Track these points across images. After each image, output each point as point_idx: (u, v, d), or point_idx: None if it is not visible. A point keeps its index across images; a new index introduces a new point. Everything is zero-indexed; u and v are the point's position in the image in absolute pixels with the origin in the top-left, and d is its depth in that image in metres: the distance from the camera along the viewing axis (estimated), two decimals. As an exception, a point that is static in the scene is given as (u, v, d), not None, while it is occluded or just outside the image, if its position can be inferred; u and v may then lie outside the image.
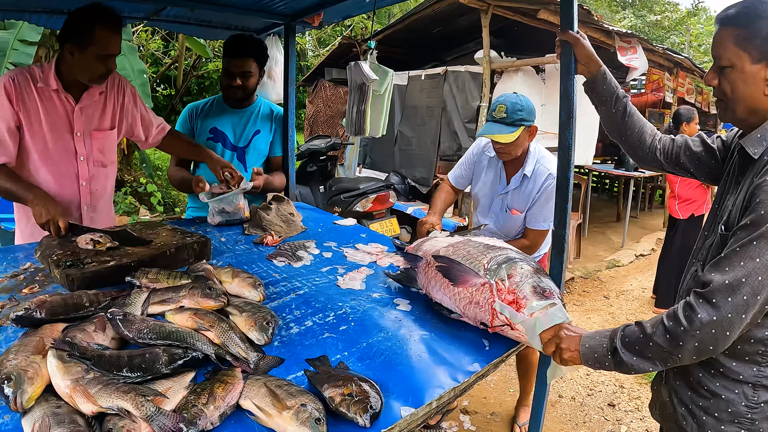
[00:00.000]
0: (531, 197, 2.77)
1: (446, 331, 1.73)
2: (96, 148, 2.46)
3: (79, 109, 2.36)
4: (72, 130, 2.37)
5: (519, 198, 2.81)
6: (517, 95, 2.69)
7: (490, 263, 1.72)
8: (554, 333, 1.53)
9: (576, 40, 1.82)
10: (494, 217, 2.94)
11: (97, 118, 2.44)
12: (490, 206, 2.94)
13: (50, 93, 2.29)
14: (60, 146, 2.35)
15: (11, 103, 2.21)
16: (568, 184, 1.89)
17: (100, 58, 2.21)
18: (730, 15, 1.41)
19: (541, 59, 6.14)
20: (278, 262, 2.24)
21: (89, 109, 2.40)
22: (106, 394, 1.18)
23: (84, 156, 2.42)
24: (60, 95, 2.31)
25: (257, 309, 1.65)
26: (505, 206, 2.87)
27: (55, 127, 2.32)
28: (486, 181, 2.94)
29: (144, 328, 1.47)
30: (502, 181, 2.86)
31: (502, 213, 2.90)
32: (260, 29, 3.54)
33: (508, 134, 2.60)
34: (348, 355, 1.53)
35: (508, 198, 2.85)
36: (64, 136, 2.35)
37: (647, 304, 5.82)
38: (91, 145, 2.44)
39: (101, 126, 2.46)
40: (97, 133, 2.45)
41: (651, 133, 1.84)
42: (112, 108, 2.51)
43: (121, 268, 1.89)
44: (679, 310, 1.33)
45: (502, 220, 2.92)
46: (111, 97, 2.50)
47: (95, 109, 2.43)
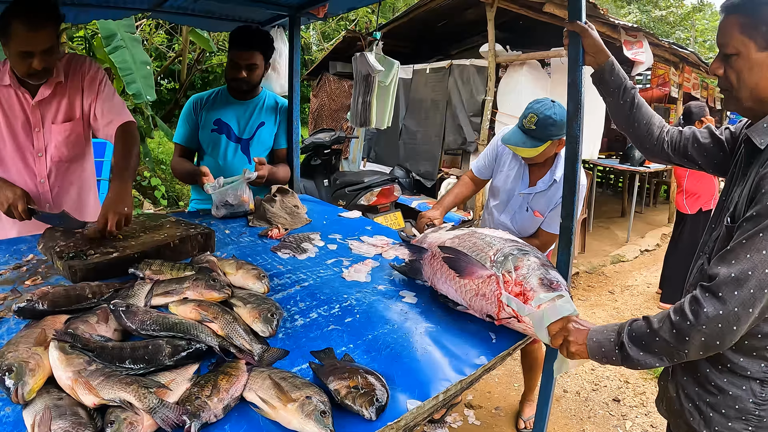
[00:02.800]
0: (554, 201, 2.68)
1: (452, 324, 1.71)
2: (55, 143, 2.34)
3: (36, 104, 2.26)
4: (30, 125, 2.28)
5: (543, 201, 2.73)
6: (554, 105, 2.52)
7: (496, 255, 1.70)
8: (562, 326, 1.51)
9: (584, 31, 1.80)
10: (511, 214, 2.86)
11: (55, 111, 2.32)
12: (509, 202, 2.85)
13: (5, 89, 2.20)
14: (17, 144, 2.27)
15: None
16: (576, 175, 1.87)
17: (20, 55, 2.05)
18: (736, 2, 1.39)
19: (547, 53, 6.09)
20: (283, 254, 2.22)
21: (47, 102, 2.28)
22: (109, 386, 1.17)
23: (42, 152, 2.32)
24: (16, 91, 2.22)
25: (262, 301, 1.63)
26: (526, 205, 2.78)
27: (12, 124, 2.24)
28: (507, 176, 2.83)
29: (147, 320, 1.45)
30: (524, 180, 2.76)
31: (521, 212, 2.82)
32: (264, 21, 3.52)
33: (531, 148, 2.51)
34: (353, 347, 1.51)
35: (531, 199, 2.75)
36: (21, 133, 2.26)
37: (652, 299, 5.79)
38: (50, 140, 2.33)
39: (60, 119, 2.33)
40: (56, 127, 2.33)
41: (659, 125, 1.81)
42: (71, 98, 2.35)
43: (124, 260, 1.87)
44: (686, 304, 1.30)
45: (520, 218, 2.84)
46: (71, 86, 2.34)
47: (53, 101, 2.30)
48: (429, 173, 7.59)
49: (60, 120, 2.33)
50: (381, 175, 5.98)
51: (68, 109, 2.35)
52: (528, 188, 2.75)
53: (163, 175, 9.23)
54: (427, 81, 7.70)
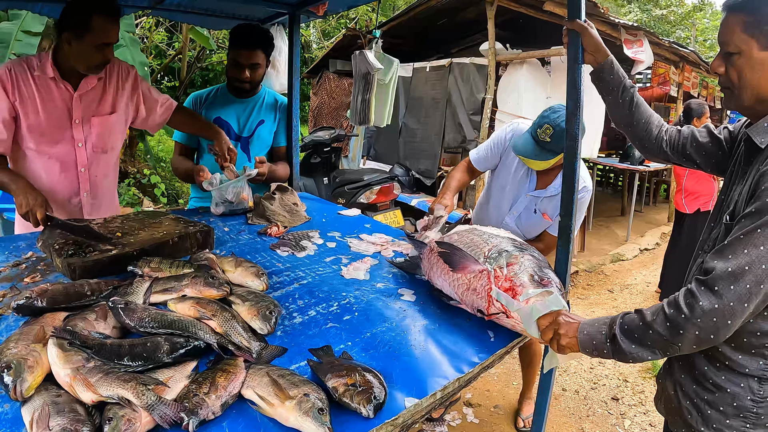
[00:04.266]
0: None
1: (451, 322, 1.71)
2: (95, 133, 2.45)
3: (78, 97, 2.36)
4: (71, 117, 2.37)
5: (552, 204, 2.65)
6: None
7: (491, 251, 1.71)
8: (552, 319, 1.51)
9: (583, 29, 1.80)
10: (516, 215, 2.78)
11: (96, 103, 2.44)
12: (515, 203, 2.77)
13: (47, 81, 2.29)
14: (57, 133, 2.35)
15: (6, 93, 2.22)
16: (575, 173, 1.87)
17: (97, 47, 2.20)
18: (738, 1, 1.39)
19: (547, 51, 6.09)
20: (282, 251, 2.22)
21: (88, 95, 2.40)
22: (107, 383, 1.17)
23: (82, 142, 2.42)
24: (57, 83, 2.31)
25: (260, 298, 1.63)
26: (533, 207, 2.71)
27: (53, 115, 2.32)
28: (513, 175, 2.75)
29: (145, 317, 1.45)
30: (532, 182, 2.69)
31: (528, 213, 2.74)
32: (264, 19, 3.51)
33: (543, 161, 2.46)
34: (352, 345, 1.52)
35: (541, 202, 2.69)
36: (62, 124, 2.35)
37: (651, 298, 5.80)
38: (90, 131, 2.43)
39: (101, 111, 2.46)
40: (96, 119, 2.44)
41: (658, 124, 1.81)
42: (112, 93, 2.49)
43: (123, 257, 1.87)
44: (680, 297, 1.30)
45: (525, 219, 2.76)
46: (111, 83, 2.49)
47: (94, 95, 2.42)
48: (429, 171, 7.59)
49: (100, 113, 2.46)
50: (380, 173, 5.98)
51: (108, 104, 2.49)
52: (537, 191, 2.68)
53: (163, 173, 9.23)
54: (427, 79, 7.69)
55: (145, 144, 7.80)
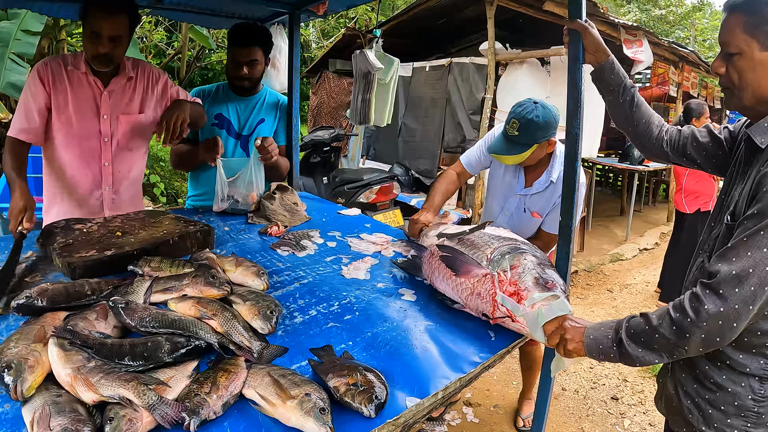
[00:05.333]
0: (551, 202, 2.62)
1: (451, 322, 1.71)
2: (121, 131, 2.51)
3: (107, 93, 2.43)
4: (99, 112, 2.43)
5: (540, 201, 2.66)
6: (536, 107, 2.41)
7: (493, 254, 1.70)
8: (558, 324, 1.51)
9: (584, 29, 1.79)
10: (508, 216, 2.79)
11: (124, 102, 2.50)
12: (505, 203, 2.78)
13: (80, 76, 2.37)
14: (85, 127, 2.41)
15: (44, 85, 2.31)
16: (576, 173, 1.86)
17: (90, 38, 2.24)
18: (739, 1, 1.38)
19: (546, 51, 6.09)
20: (282, 251, 2.22)
21: (117, 93, 2.47)
22: (108, 382, 1.17)
23: (108, 137, 2.48)
24: (89, 78, 2.39)
25: (261, 298, 1.63)
26: (523, 207, 2.72)
27: (82, 109, 2.39)
28: (503, 176, 2.77)
29: (146, 317, 1.45)
30: (520, 181, 2.70)
31: (518, 212, 2.75)
32: (264, 18, 3.50)
33: (515, 155, 2.45)
34: (353, 344, 1.52)
35: (528, 200, 2.69)
36: (90, 118, 2.42)
37: (651, 298, 5.80)
38: (117, 128, 2.49)
39: (129, 110, 2.52)
40: (123, 117, 2.50)
41: (658, 124, 1.81)
42: (141, 94, 2.56)
43: (123, 257, 1.87)
44: (686, 301, 1.30)
45: (517, 219, 2.76)
46: (141, 84, 2.56)
47: (123, 93, 2.49)
48: (428, 171, 7.58)
49: (128, 111, 2.52)
50: (380, 172, 5.98)
51: (136, 104, 2.55)
52: (524, 189, 2.69)
53: (162, 172, 9.21)
54: (426, 79, 7.68)
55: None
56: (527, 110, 2.39)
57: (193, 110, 2.59)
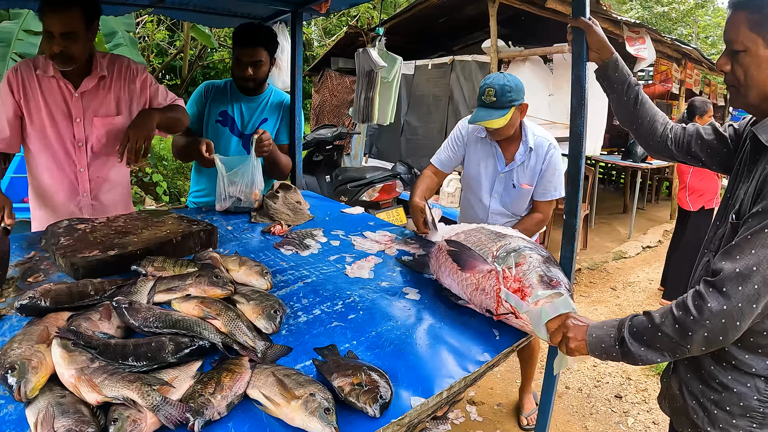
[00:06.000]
0: (537, 170, 2.75)
1: (456, 320, 1.70)
2: (97, 134, 2.41)
3: (78, 95, 2.34)
4: (71, 116, 2.35)
5: (525, 172, 2.77)
6: (504, 75, 2.62)
7: (499, 251, 1.70)
8: (561, 322, 1.50)
9: (588, 27, 1.79)
10: (498, 197, 2.87)
11: (98, 104, 2.40)
12: (493, 186, 2.87)
13: (49, 80, 2.29)
14: (58, 132, 2.34)
15: (12, 93, 2.25)
16: (579, 172, 1.86)
17: (46, 37, 2.16)
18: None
19: (549, 49, 6.08)
20: (285, 250, 2.22)
21: (89, 94, 2.37)
22: (111, 383, 1.16)
23: (82, 142, 2.39)
24: (59, 82, 2.30)
25: (265, 297, 1.62)
26: (511, 183, 2.81)
27: (54, 114, 2.32)
28: (482, 163, 2.86)
29: (150, 317, 1.45)
30: (501, 160, 2.80)
31: (509, 190, 2.84)
32: (267, 17, 3.50)
33: (499, 118, 2.55)
34: (357, 344, 1.51)
35: (515, 174, 2.79)
36: (62, 123, 2.34)
37: (654, 296, 5.78)
38: (91, 132, 2.40)
39: (103, 112, 2.42)
40: (98, 120, 2.40)
41: (662, 121, 1.80)
42: (116, 94, 2.45)
43: (126, 257, 1.87)
44: (689, 299, 1.30)
45: (509, 197, 2.86)
46: (116, 83, 2.44)
47: (96, 94, 2.39)
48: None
49: (102, 113, 2.41)
50: (383, 171, 5.97)
51: (112, 105, 2.44)
52: (508, 166, 2.79)
53: (165, 171, 9.23)
54: (429, 77, 7.68)
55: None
56: (497, 78, 2.59)
57: (164, 118, 2.44)
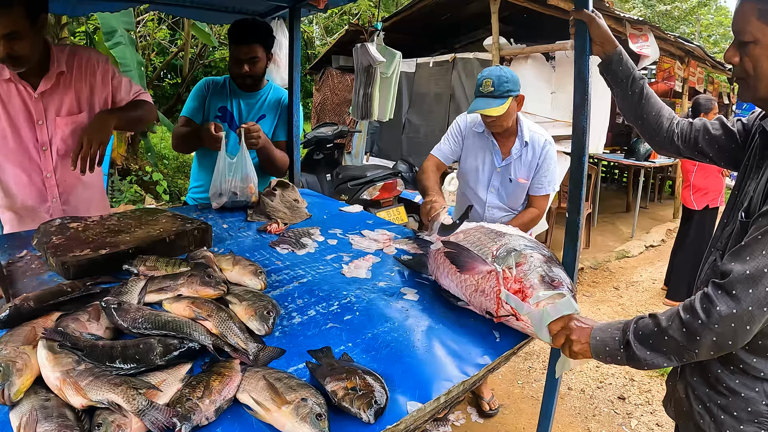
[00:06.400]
0: (533, 164, 2.82)
1: (455, 322, 1.65)
2: (61, 136, 2.29)
3: (38, 96, 2.21)
4: (33, 119, 2.23)
5: (522, 166, 2.84)
6: (500, 68, 2.70)
7: (499, 250, 1.65)
8: (563, 324, 1.45)
9: (591, 19, 1.74)
10: (495, 192, 2.94)
11: (59, 103, 2.27)
12: (489, 181, 2.93)
13: (7, 84, 2.16)
14: (20, 138, 2.22)
15: None
16: (583, 169, 1.80)
17: None
18: None
19: (552, 46, 6.01)
20: (281, 249, 2.17)
21: (49, 94, 2.23)
22: (97, 386, 1.13)
23: (46, 146, 2.27)
24: (17, 85, 2.17)
25: (258, 298, 1.58)
26: (508, 177, 2.88)
27: (14, 119, 2.20)
28: (479, 157, 2.93)
29: (139, 318, 1.41)
30: (497, 155, 2.87)
31: (505, 184, 2.90)
32: (264, 12, 3.45)
33: (498, 107, 2.60)
34: (352, 346, 1.46)
35: (511, 168, 2.85)
36: (24, 127, 2.22)
37: (657, 295, 5.73)
38: (55, 134, 2.28)
39: (66, 111, 2.29)
40: (61, 120, 2.27)
41: (669, 116, 1.75)
42: (78, 90, 2.30)
43: (118, 256, 1.82)
44: (697, 302, 1.25)
45: (506, 191, 2.92)
46: (78, 78, 2.30)
47: (56, 93, 2.25)
48: (430, 168, 7.52)
49: (65, 112, 2.28)
50: (384, 169, 5.93)
51: (74, 102, 2.30)
52: (505, 160, 2.85)
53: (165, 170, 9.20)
54: (430, 74, 7.64)
55: (146, 141, 7.74)
56: (494, 70, 2.68)
57: (123, 119, 2.33)
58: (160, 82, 14.29)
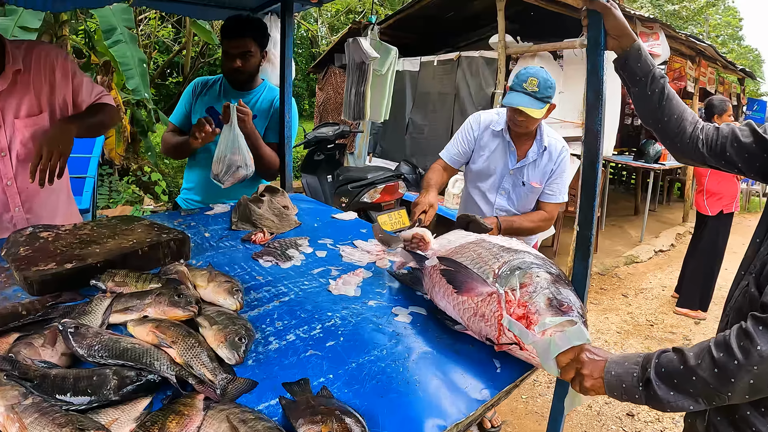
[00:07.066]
0: (548, 170, 2.72)
1: (451, 349, 1.48)
2: (20, 139, 2.09)
3: None
4: None
5: (536, 171, 2.73)
6: (545, 70, 2.56)
7: (501, 269, 1.48)
8: (573, 356, 1.27)
9: (606, 9, 1.55)
10: (505, 194, 2.82)
11: (18, 103, 2.08)
12: (500, 183, 2.81)
13: None
14: None
15: None
16: (596, 176, 1.61)
17: None
18: None
19: (560, 44, 5.83)
20: (264, 261, 2.00)
21: (6, 95, 2.04)
22: (41, 425, 1.00)
23: (5, 151, 2.09)
24: None
25: (230, 321, 1.41)
26: (520, 181, 2.76)
27: None
28: (492, 158, 2.79)
29: (95, 344, 1.26)
30: (512, 156, 2.74)
31: (517, 188, 2.79)
32: (256, 7, 3.29)
33: (539, 110, 2.50)
34: (333, 378, 1.30)
35: (525, 172, 2.74)
36: None
37: (668, 303, 5.55)
38: (14, 137, 2.08)
39: (25, 112, 2.10)
40: (19, 122, 2.08)
41: (692, 120, 1.56)
42: (37, 88, 2.12)
43: (86, 270, 1.67)
44: (732, 338, 1.07)
45: (516, 195, 2.81)
46: (35, 76, 2.10)
47: (14, 94, 2.06)
48: (435, 169, 7.37)
49: (24, 114, 2.09)
50: (386, 171, 5.78)
51: (34, 102, 2.11)
52: (518, 162, 2.74)
53: (166, 170, 9.08)
54: (434, 73, 7.49)
55: (146, 141, 7.61)
56: (540, 71, 2.53)
57: (84, 126, 2.15)
58: (163, 80, 14.21)
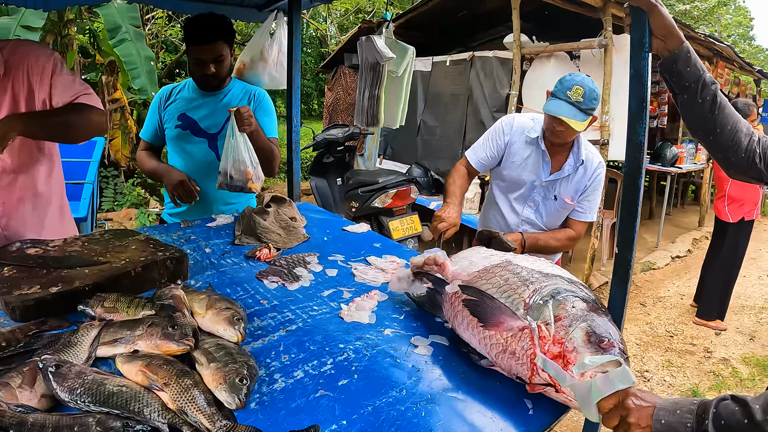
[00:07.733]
0: (582, 185, 2.51)
1: (478, 387, 1.32)
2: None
3: None
4: None
5: (569, 186, 2.52)
6: (591, 80, 2.38)
7: (532, 297, 1.32)
8: (617, 401, 1.10)
9: (652, 7, 1.38)
10: (534, 207, 2.60)
11: None
12: (530, 194, 2.59)
13: None
14: None
15: None
16: (638, 192, 1.45)
17: None
18: None
19: (578, 44, 5.64)
20: (270, 282, 1.84)
21: None
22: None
23: None
24: None
25: (231, 357, 1.25)
26: (552, 194, 2.55)
27: None
28: (524, 165, 2.56)
29: (77, 387, 1.11)
30: (546, 167, 2.51)
31: (548, 201, 2.57)
32: (262, 4, 3.14)
33: (581, 122, 2.31)
34: (347, 424, 1.14)
35: (558, 185, 2.52)
36: None
37: (687, 312, 5.36)
38: None
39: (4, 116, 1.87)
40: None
41: (747, 132, 1.39)
42: (16, 91, 1.93)
43: (72, 294, 1.51)
44: None
45: (546, 209, 2.59)
46: (15, 78, 1.91)
47: None
48: (449, 172, 7.21)
49: None
50: (397, 174, 5.61)
51: (11, 108, 1.92)
52: (552, 175, 2.52)
53: (173, 171, 8.94)
54: (447, 74, 7.32)
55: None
56: (587, 81, 2.35)
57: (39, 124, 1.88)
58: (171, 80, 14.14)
